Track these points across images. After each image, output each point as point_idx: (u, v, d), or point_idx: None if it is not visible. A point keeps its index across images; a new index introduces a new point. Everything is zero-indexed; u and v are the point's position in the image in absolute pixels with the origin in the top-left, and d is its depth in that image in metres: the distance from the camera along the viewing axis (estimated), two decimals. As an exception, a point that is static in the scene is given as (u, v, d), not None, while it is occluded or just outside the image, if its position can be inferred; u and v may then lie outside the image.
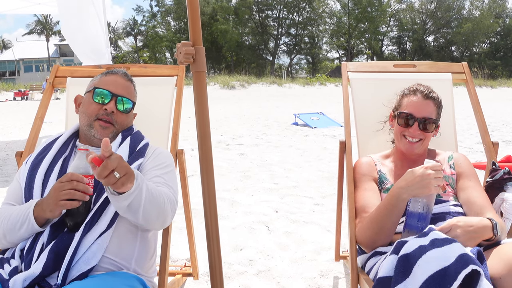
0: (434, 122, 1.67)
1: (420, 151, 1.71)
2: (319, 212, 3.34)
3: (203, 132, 1.24)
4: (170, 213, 1.41)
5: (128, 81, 1.62)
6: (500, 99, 19.28)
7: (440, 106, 1.72)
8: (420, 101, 1.68)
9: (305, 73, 53.16)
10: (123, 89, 1.58)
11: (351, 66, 2.17)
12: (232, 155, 5.81)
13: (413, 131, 1.66)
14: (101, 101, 1.53)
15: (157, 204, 1.32)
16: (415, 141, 1.67)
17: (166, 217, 1.39)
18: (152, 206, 1.30)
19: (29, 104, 19.38)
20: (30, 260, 1.24)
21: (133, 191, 1.20)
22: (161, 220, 1.38)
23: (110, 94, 1.54)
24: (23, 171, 1.47)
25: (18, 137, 7.96)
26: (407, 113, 1.68)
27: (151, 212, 1.31)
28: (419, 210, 1.40)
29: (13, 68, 51.75)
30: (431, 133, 1.69)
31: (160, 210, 1.34)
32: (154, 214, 1.32)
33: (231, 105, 16.09)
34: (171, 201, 1.41)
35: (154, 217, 1.33)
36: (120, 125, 1.57)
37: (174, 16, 48.89)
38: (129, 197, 1.20)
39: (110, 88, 1.55)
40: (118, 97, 1.55)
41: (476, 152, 5.86)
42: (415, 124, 1.66)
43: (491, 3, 49.13)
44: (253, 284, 2.20)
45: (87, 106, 1.54)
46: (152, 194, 1.30)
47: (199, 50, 1.21)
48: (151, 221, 1.34)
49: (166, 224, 1.43)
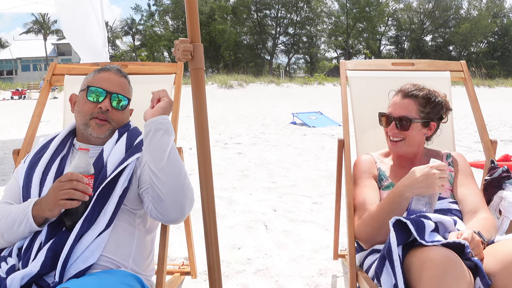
0: (410, 121, 1.64)
1: (407, 150, 1.70)
2: (317, 210, 3.34)
3: (201, 129, 1.24)
4: (190, 195, 1.36)
5: (122, 77, 1.59)
6: (498, 99, 19.34)
7: (427, 104, 1.66)
8: (398, 100, 1.69)
9: (303, 72, 53.19)
10: (117, 86, 1.55)
11: (350, 64, 2.16)
12: (230, 154, 5.80)
13: (391, 130, 1.68)
14: (95, 99, 1.50)
15: (180, 166, 1.35)
16: (396, 140, 1.68)
17: (185, 196, 1.33)
18: (176, 161, 1.35)
19: (27, 103, 19.32)
20: (28, 259, 1.23)
21: (166, 122, 1.38)
22: (179, 194, 1.32)
23: (104, 91, 1.51)
24: (21, 170, 1.47)
25: (15, 136, 7.93)
26: (384, 113, 1.73)
27: (173, 168, 1.33)
28: (422, 208, 1.40)
29: (11, 67, 51.60)
30: (414, 132, 1.65)
31: (181, 177, 1.34)
32: (175, 175, 1.32)
33: (229, 105, 16.07)
34: (190, 186, 1.38)
35: (175, 180, 1.31)
36: (116, 122, 1.55)
37: (172, 15, 48.81)
38: (162, 123, 1.36)
39: (103, 86, 1.52)
40: (113, 95, 1.52)
41: (474, 151, 5.87)
42: (392, 123, 1.68)
43: (489, 3, 49.26)
44: (251, 282, 2.19)
45: (81, 105, 1.52)
46: (177, 153, 1.38)
47: (197, 47, 1.21)
48: (171, 186, 1.30)
49: (183, 210, 1.35)
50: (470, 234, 1.25)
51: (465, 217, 1.54)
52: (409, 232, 1.22)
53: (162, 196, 1.32)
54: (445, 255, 1.11)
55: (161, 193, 1.31)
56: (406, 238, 1.23)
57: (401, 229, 1.23)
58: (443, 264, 1.10)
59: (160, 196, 1.32)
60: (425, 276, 1.10)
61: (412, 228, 1.20)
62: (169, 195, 1.31)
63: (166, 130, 1.36)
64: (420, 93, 1.67)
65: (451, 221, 1.34)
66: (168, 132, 1.37)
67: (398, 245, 1.21)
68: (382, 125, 1.76)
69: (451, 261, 1.11)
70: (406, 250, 1.22)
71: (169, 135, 1.37)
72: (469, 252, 1.19)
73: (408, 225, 1.21)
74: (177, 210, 1.34)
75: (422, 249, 1.17)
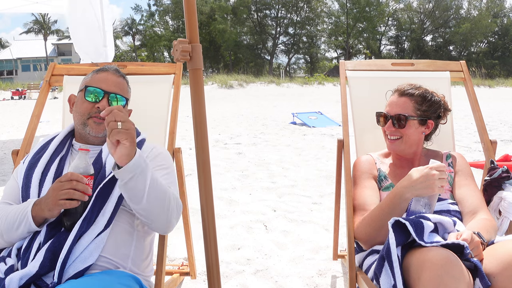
0: (406, 118, 1.66)
1: (405, 149, 1.71)
2: (317, 211, 3.34)
3: (200, 130, 1.24)
4: (176, 212, 1.39)
5: (120, 77, 1.59)
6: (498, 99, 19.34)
7: (424, 102, 1.68)
8: (395, 99, 1.72)
9: (303, 72, 53.21)
10: (115, 86, 1.55)
11: (349, 65, 2.16)
12: (230, 154, 5.80)
13: (388, 129, 1.70)
14: (93, 99, 1.50)
15: (162, 195, 1.31)
16: (393, 138, 1.70)
17: (171, 215, 1.37)
18: (157, 195, 1.30)
19: (27, 103, 19.33)
20: (26, 259, 1.23)
21: (135, 167, 1.22)
22: (164, 218, 1.35)
23: (102, 92, 1.51)
24: (20, 170, 1.47)
25: (15, 136, 7.93)
26: (381, 112, 1.74)
27: (155, 203, 1.30)
28: (421, 209, 1.40)
29: (11, 67, 51.63)
30: (410, 130, 1.67)
31: (165, 204, 1.33)
32: (159, 206, 1.31)
33: (229, 105, 16.08)
34: (176, 201, 1.40)
35: (159, 210, 1.32)
36: None
37: (172, 15, 48.86)
38: (132, 171, 1.22)
39: (102, 86, 1.52)
40: (111, 95, 1.52)
41: (474, 151, 5.87)
42: (389, 122, 1.70)
43: (489, 2, 49.28)
44: (251, 283, 2.19)
45: (80, 105, 1.52)
46: (157, 183, 1.30)
47: (195, 47, 1.20)
48: (155, 214, 1.32)
49: (171, 225, 1.39)
50: (469, 235, 1.25)
51: (465, 217, 1.54)
52: (408, 233, 1.22)
53: (147, 221, 1.36)
54: (444, 256, 1.11)
55: (146, 220, 1.36)
56: (405, 239, 1.23)
57: (400, 230, 1.23)
58: (442, 265, 1.10)
59: (145, 221, 1.36)
60: (424, 277, 1.10)
61: (411, 229, 1.20)
62: (155, 221, 1.35)
63: (140, 172, 1.25)
64: (416, 91, 1.70)
65: (450, 221, 1.34)
66: (143, 173, 1.26)
67: (397, 246, 1.20)
68: (380, 124, 1.77)
69: (450, 262, 1.10)
70: (405, 251, 1.22)
71: (144, 175, 1.26)
72: (469, 253, 1.19)
73: (407, 226, 1.21)
74: (163, 228, 1.41)
75: (421, 250, 1.17)
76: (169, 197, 1.35)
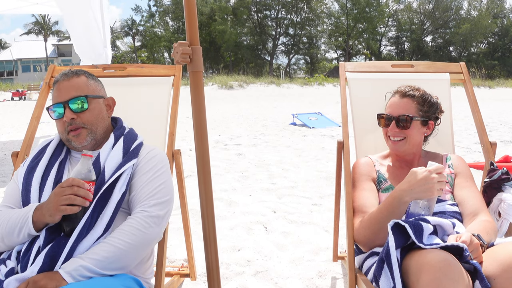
0: (411, 118, 1.67)
1: (408, 150, 1.71)
2: (317, 212, 3.34)
3: (199, 131, 1.24)
4: (151, 235, 1.33)
5: (71, 78, 1.52)
6: (498, 99, 19.34)
7: (425, 103, 1.70)
8: (397, 100, 1.73)
9: (303, 73, 53.23)
10: (67, 92, 1.49)
11: (349, 66, 2.16)
12: (230, 155, 5.80)
13: (391, 130, 1.70)
14: (58, 116, 1.49)
15: (120, 259, 1.25)
16: (397, 139, 1.70)
17: (142, 250, 1.32)
18: (115, 265, 1.24)
19: (27, 104, 19.33)
20: (26, 262, 1.23)
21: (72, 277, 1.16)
22: (139, 256, 1.32)
23: (60, 104, 1.48)
24: (20, 174, 1.47)
25: (15, 137, 7.93)
26: (384, 114, 1.74)
27: (119, 264, 1.25)
28: (420, 211, 1.40)
29: (11, 68, 51.68)
30: (414, 131, 1.68)
31: (128, 258, 1.28)
32: (125, 261, 1.27)
33: (229, 105, 16.08)
34: (138, 232, 1.30)
35: (128, 262, 1.28)
36: (90, 124, 1.50)
37: (173, 16, 48.87)
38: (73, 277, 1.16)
39: (57, 100, 1.49)
40: (68, 102, 1.47)
41: (474, 152, 5.87)
42: (393, 123, 1.70)
43: (489, 3, 49.31)
44: (251, 284, 2.19)
45: (56, 125, 1.54)
46: (123, 262, 1.26)
47: (196, 49, 1.21)
48: (132, 260, 1.30)
49: (150, 246, 1.38)
50: (469, 237, 1.25)
51: (465, 219, 1.54)
52: (407, 235, 1.22)
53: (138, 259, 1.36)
54: (443, 258, 1.11)
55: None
56: (405, 241, 1.23)
57: (400, 232, 1.23)
58: (441, 267, 1.10)
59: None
60: (423, 279, 1.10)
61: (410, 231, 1.20)
62: (138, 257, 1.34)
63: (78, 275, 1.17)
64: (416, 93, 1.71)
65: (450, 224, 1.34)
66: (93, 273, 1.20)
67: (397, 248, 1.20)
68: (381, 126, 1.77)
69: (449, 264, 1.10)
70: (405, 253, 1.22)
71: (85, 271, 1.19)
72: (468, 255, 1.19)
73: (406, 228, 1.21)
74: (149, 249, 1.46)
75: (420, 252, 1.17)
76: (126, 251, 1.26)
